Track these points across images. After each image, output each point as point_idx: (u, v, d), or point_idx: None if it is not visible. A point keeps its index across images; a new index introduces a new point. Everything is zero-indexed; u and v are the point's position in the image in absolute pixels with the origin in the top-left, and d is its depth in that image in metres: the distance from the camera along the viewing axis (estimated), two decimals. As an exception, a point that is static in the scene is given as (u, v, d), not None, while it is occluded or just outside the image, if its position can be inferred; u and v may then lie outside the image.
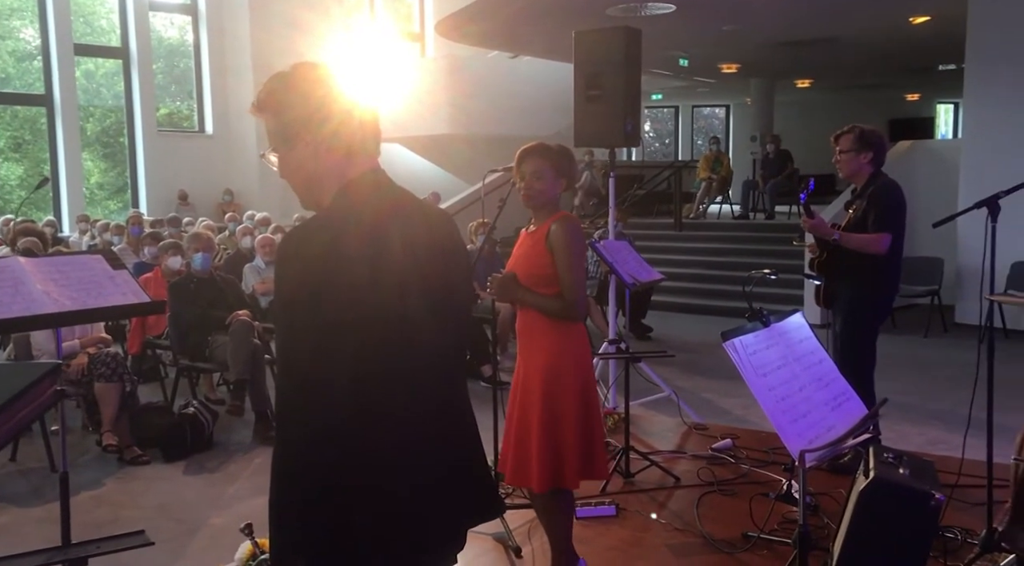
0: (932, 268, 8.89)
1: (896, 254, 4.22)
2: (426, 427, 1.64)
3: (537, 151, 2.97)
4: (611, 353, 5.25)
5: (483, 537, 3.58)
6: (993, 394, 3.33)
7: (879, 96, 19.49)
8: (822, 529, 3.55)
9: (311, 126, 1.63)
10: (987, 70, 8.61)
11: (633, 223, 12.20)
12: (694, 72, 15.69)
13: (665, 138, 24.37)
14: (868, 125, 4.36)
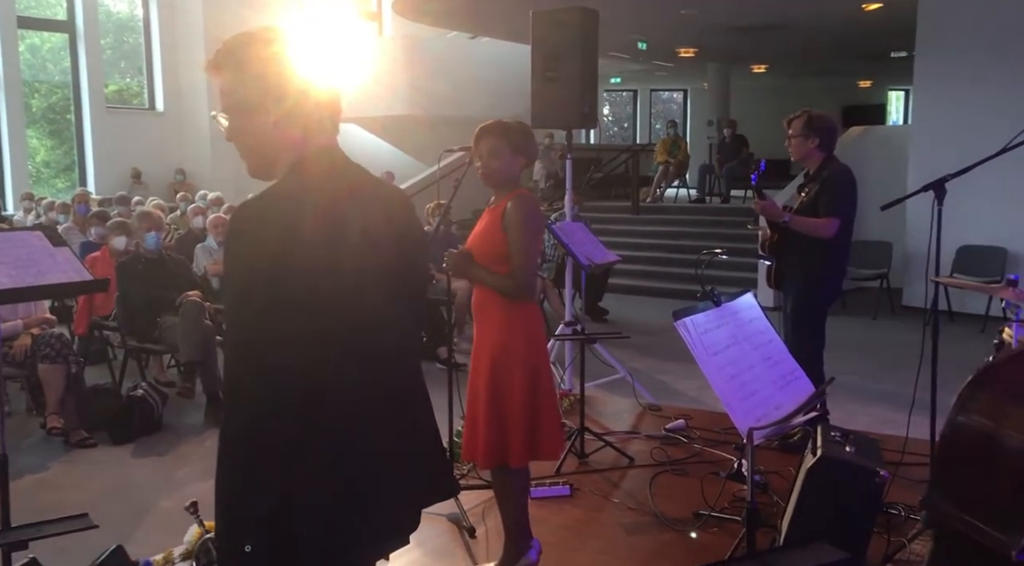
0: (881, 252, 9.07)
1: (845, 238, 4.29)
2: (379, 408, 1.63)
3: (494, 129, 2.95)
4: (567, 335, 5.27)
5: (438, 518, 3.58)
6: (937, 375, 3.41)
7: (833, 82, 19.75)
8: (771, 507, 3.61)
9: (274, 94, 1.58)
10: (936, 58, 8.77)
11: (591, 206, 12.23)
12: (652, 56, 15.73)
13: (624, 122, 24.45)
14: (818, 110, 4.41)
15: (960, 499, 1.59)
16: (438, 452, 1.81)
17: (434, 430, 1.80)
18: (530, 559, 3.04)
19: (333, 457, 1.55)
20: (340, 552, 1.56)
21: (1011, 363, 1.58)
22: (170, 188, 13.20)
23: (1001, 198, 7.96)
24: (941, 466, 1.61)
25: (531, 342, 3.00)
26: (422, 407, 1.76)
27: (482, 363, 2.99)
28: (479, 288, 3.03)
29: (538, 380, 3.01)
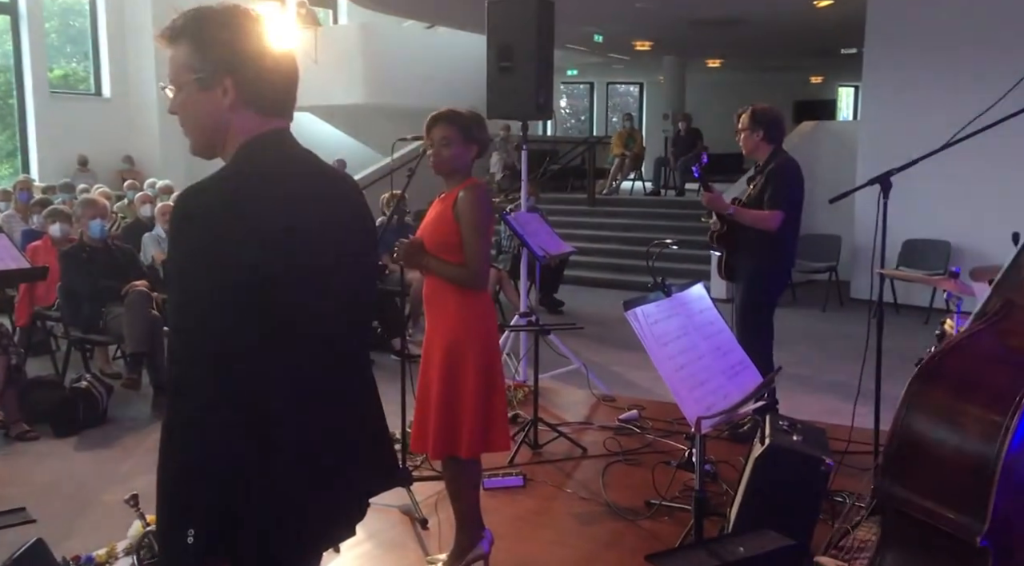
0: (830, 245, 9.24)
1: (791, 231, 4.35)
2: (326, 397, 1.60)
3: (446, 117, 2.92)
4: (521, 326, 5.27)
5: (390, 510, 3.56)
6: (882, 366, 3.48)
7: (785, 78, 20.03)
8: (721, 495, 3.66)
9: (232, 73, 1.54)
10: (884, 55, 8.94)
11: (547, 198, 12.25)
12: (609, 49, 15.79)
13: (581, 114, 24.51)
14: (763, 104, 4.47)
15: (914, 484, 1.62)
16: (385, 442, 1.79)
17: (382, 420, 1.78)
18: (482, 550, 3.03)
19: (281, 447, 1.52)
20: (287, 542, 1.54)
21: (956, 351, 1.61)
22: (118, 176, 12.89)
23: (945, 193, 8.15)
24: (892, 454, 1.63)
25: (484, 333, 2.99)
26: (370, 397, 1.74)
27: (434, 354, 2.97)
28: (431, 278, 3.01)
29: (491, 371, 3.00)
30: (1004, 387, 1.51)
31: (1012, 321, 1.66)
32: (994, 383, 1.55)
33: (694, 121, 14.30)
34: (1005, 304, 1.67)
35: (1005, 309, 1.67)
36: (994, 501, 1.48)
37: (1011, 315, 1.66)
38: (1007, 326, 1.66)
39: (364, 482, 1.71)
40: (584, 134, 19.18)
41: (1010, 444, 1.46)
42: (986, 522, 1.48)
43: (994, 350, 1.65)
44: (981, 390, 1.57)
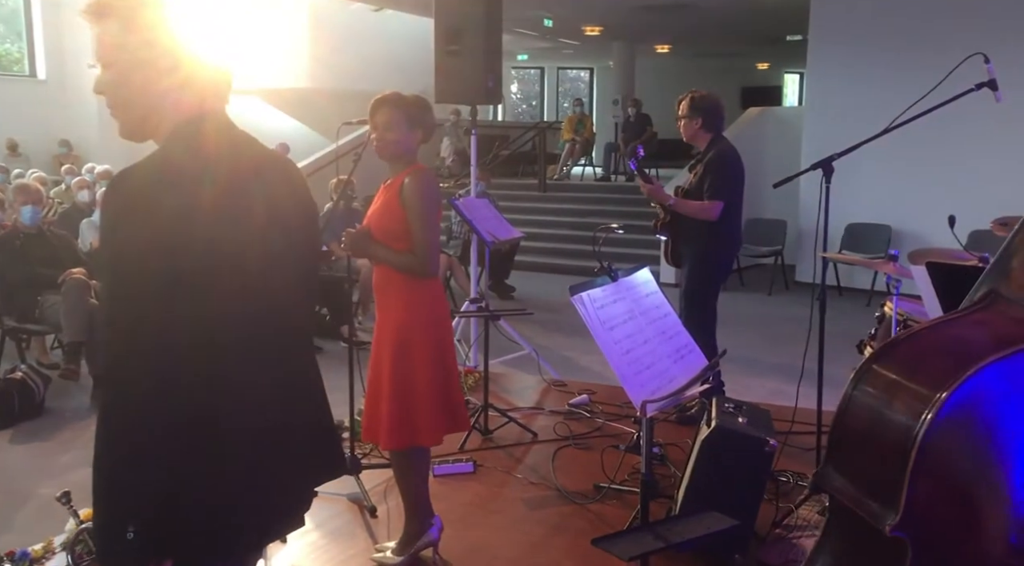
0: (776, 229, 9.39)
1: (732, 218, 4.40)
2: (268, 386, 1.57)
3: (390, 101, 2.88)
4: (471, 311, 5.25)
5: (338, 498, 3.52)
6: (824, 347, 3.55)
7: (733, 64, 20.26)
8: (669, 477, 3.70)
9: (165, 54, 1.49)
10: (828, 42, 9.09)
11: (498, 183, 12.21)
12: (559, 33, 15.76)
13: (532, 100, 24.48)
14: (703, 91, 4.51)
15: (850, 472, 1.61)
16: (329, 432, 1.76)
17: (324, 410, 1.75)
18: (431, 537, 3.02)
19: (220, 439, 1.48)
20: (229, 536, 1.50)
21: (911, 339, 1.62)
22: (54, 160, 12.49)
23: (886, 178, 8.34)
24: (835, 440, 1.64)
25: (435, 322, 2.96)
26: (313, 387, 1.71)
27: (385, 343, 2.94)
28: (379, 267, 2.97)
29: (443, 357, 2.98)
30: (938, 375, 1.47)
31: (990, 311, 1.63)
32: (932, 371, 1.52)
33: (644, 106, 14.37)
34: (988, 293, 1.64)
35: (988, 298, 1.64)
36: (910, 492, 1.44)
37: (993, 305, 1.63)
38: (982, 316, 1.63)
39: (307, 474, 1.68)
40: (535, 119, 19.18)
41: (927, 432, 1.42)
42: (899, 512, 1.45)
43: (953, 338, 1.62)
44: (919, 375, 1.54)
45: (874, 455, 1.56)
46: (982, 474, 1.49)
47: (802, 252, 9.19)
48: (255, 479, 1.53)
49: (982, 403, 1.46)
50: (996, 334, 1.54)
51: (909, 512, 1.45)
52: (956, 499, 1.49)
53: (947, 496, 1.49)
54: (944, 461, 1.46)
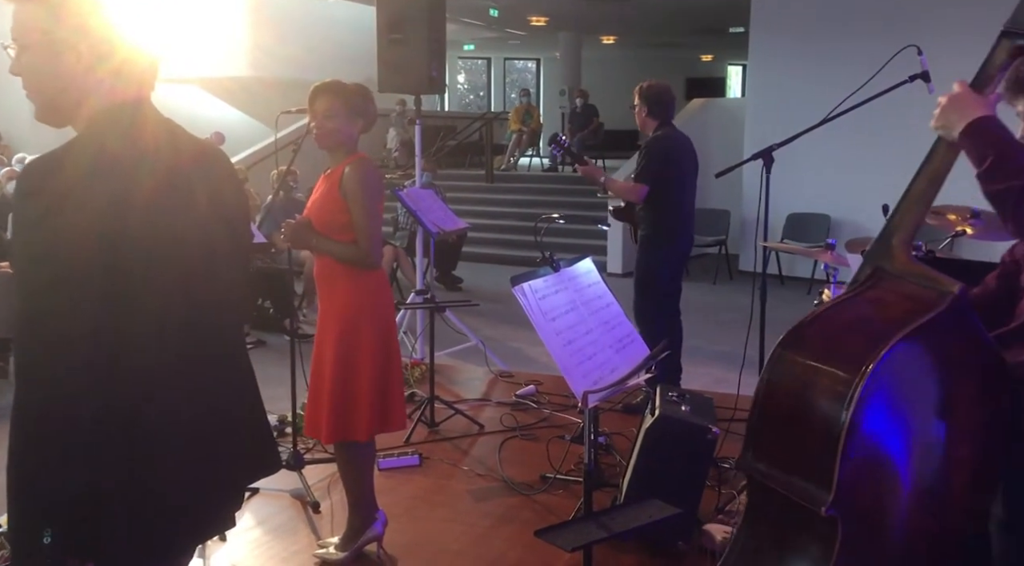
0: (720, 219, 9.52)
1: (669, 204, 4.45)
2: (192, 383, 1.52)
3: (329, 89, 2.82)
4: (417, 303, 5.21)
5: (280, 494, 3.47)
6: (765, 335, 3.60)
7: (678, 56, 20.45)
8: (614, 467, 3.73)
9: (91, 36, 1.43)
10: (768, 34, 9.23)
11: (445, 174, 12.15)
12: (504, 23, 15.71)
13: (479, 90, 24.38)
14: (654, 81, 4.57)
15: (772, 456, 1.64)
16: (262, 429, 1.72)
17: (256, 406, 1.71)
18: (375, 531, 2.99)
19: (144, 438, 1.43)
20: (158, 537, 1.46)
21: (819, 320, 1.65)
22: (-17, 151, 12.03)
23: (826, 168, 8.51)
24: (754, 426, 1.67)
25: (378, 314, 2.92)
26: (244, 383, 1.66)
27: (328, 336, 2.89)
28: (321, 258, 2.92)
29: (387, 351, 2.94)
30: (856, 354, 1.51)
31: (880, 289, 1.68)
32: (848, 350, 1.56)
33: (591, 97, 14.43)
34: (875, 272, 1.70)
35: (875, 277, 1.70)
36: (840, 470, 1.47)
37: (880, 283, 1.68)
38: (874, 294, 1.68)
39: (241, 471, 1.64)
40: (482, 110, 19.11)
41: (855, 411, 1.46)
42: (831, 491, 1.48)
43: (856, 317, 1.67)
44: (835, 357, 1.57)
45: (801, 438, 1.58)
46: (899, 445, 1.56)
47: (745, 241, 9.34)
48: (185, 477, 1.48)
49: (899, 376, 1.52)
50: (895, 310, 1.60)
51: (840, 491, 1.48)
52: (878, 472, 1.55)
53: (871, 471, 1.53)
54: (869, 436, 1.51)
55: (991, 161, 1.50)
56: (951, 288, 1.56)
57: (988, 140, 1.54)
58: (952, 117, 1.59)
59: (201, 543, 1.63)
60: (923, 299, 1.57)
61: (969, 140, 1.56)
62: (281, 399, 3.82)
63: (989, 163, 1.50)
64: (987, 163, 1.51)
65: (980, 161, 1.52)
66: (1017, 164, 1.49)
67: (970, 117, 1.56)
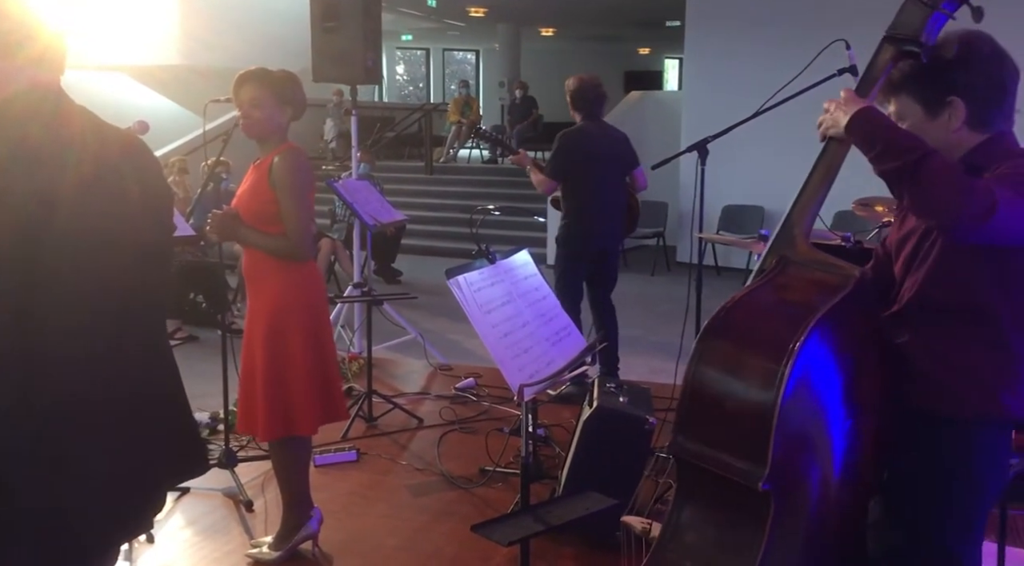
0: (658, 211, 9.61)
1: (583, 198, 4.47)
2: (116, 379, 1.46)
3: (254, 77, 2.74)
4: (354, 296, 5.14)
5: (212, 494, 3.38)
6: (701, 325, 3.63)
7: (616, 48, 20.60)
8: (554, 458, 3.73)
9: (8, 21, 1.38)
10: (704, 28, 9.34)
11: (384, 166, 12.02)
12: (443, 14, 15.61)
13: (418, 82, 24.19)
14: (584, 75, 4.63)
15: (705, 438, 1.70)
16: (185, 425, 1.65)
17: (183, 404, 1.65)
18: (310, 529, 2.93)
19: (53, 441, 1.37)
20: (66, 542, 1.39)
21: (738, 307, 1.70)
22: None
23: (761, 160, 8.65)
24: (685, 410, 1.72)
25: (309, 304, 2.86)
26: (165, 381, 1.60)
27: (257, 330, 2.82)
28: (250, 251, 2.85)
29: (320, 344, 2.88)
30: (780, 337, 1.60)
31: (786, 275, 1.77)
32: (771, 333, 1.65)
33: (530, 89, 14.42)
34: (780, 260, 1.79)
35: (780, 265, 1.79)
36: (775, 446, 1.56)
37: (786, 270, 1.78)
38: (782, 280, 1.77)
39: (161, 472, 1.57)
40: (421, 101, 18.96)
41: (785, 389, 1.55)
42: (767, 466, 1.56)
43: (771, 303, 1.76)
44: (760, 341, 1.66)
45: (733, 419, 1.65)
46: (821, 420, 1.68)
47: (682, 233, 9.45)
48: (92, 482, 1.42)
49: (818, 355, 1.62)
50: (807, 294, 1.71)
51: (774, 466, 1.56)
52: (805, 447, 1.66)
53: (798, 446, 1.63)
54: (798, 411, 1.60)
55: (880, 146, 1.60)
56: (853, 272, 1.69)
57: (873, 126, 1.65)
58: (839, 114, 1.71)
59: (120, 546, 1.55)
60: (829, 283, 1.69)
61: (856, 130, 1.66)
62: (214, 395, 3.72)
63: (879, 148, 1.60)
64: (877, 148, 1.61)
65: (870, 147, 1.63)
66: (903, 144, 1.59)
67: (853, 110, 1.67)
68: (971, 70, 1.67)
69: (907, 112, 1.74)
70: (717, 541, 1.72)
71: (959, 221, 1.53)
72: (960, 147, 1.70)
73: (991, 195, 1.50)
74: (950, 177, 1.53)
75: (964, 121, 1.69)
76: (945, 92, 1.68)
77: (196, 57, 12.59)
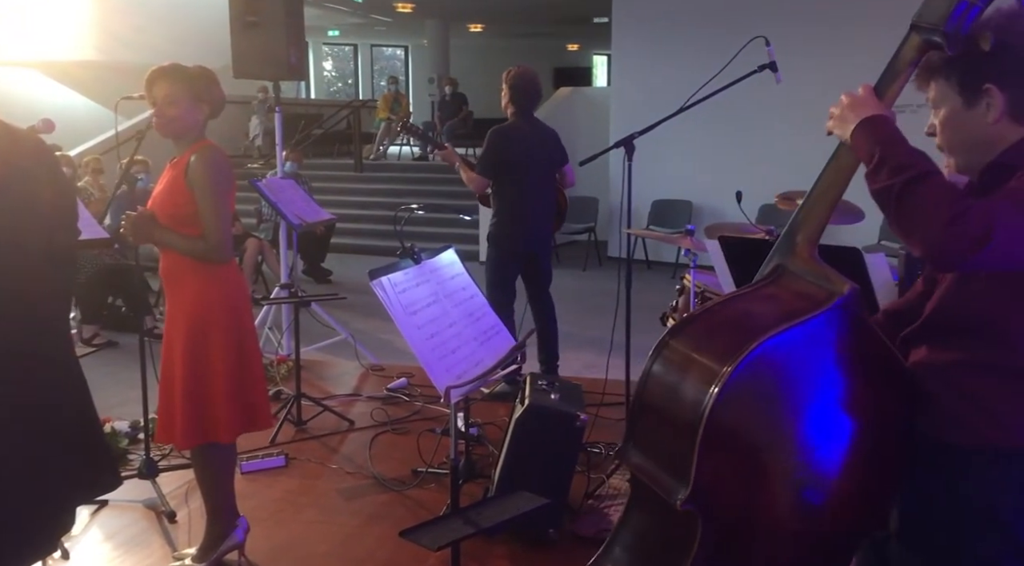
0: (589, 207, 9.68)
1: (512, 195, 4.45)
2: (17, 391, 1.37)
3: (168, 73, 2.64)
4: (281, 298, 5.02)
5: (132, 505, 3.26)
6: (631, 319, 3.66)
7: (545, 45, 20.65)
8: (487, 457, 3.71)
9: None
10: (631, 24, 9.42)
11: (312, 164, 11.80)
12: (370, 9, 15.40)
13: (347, 78, 23.85)
14: (518, 68, 4.59)
15: (647, 448, 1.64)
16: (95, 439, 1.58)
17: (89, 417, 1.56)
18: (235, 539, 2.84)
19: None
20: None
21: (704, 314, 1.65)
22: None
23: (688, 155, 8.78)
24: (634, 417, 1.66)
25: (232, 310, 2.76)
26: (71, 396, 1.52)
27: (177, 335, 2.72)
28: (167, 253, 2.74)
29: (243, 348, 2.79)
30: (726, 349, 1.49)
31: (777, 285, 1.65)
32: (721, 345, 1.54)
33: (460, 85, 14.35)
34: (776, 269, 1.68)
35: (775, 273, 1.67)
36: (698, 464, 1.46)
37: (779, 280, 1.66)
38: (770, 291, 1.65)
39: (68, 489, 1.49)
40: (350, 98, 18.70)
41: (711, 408, 1.45)
42: (689, 485, 1.47)
43: (741, 312, 1.65)
44: (708, 350, 1.56)
45: (668, 430, 1.57)
46: (767, 442, 1.52)
47: (612, 228, 9.54)
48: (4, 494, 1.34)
49: (766, 374, 1.49)
50: (781, 308, 1.59)
51: (698, 485, 1.47)
52: (742, 469, 1.52)
53: (734, 467, 1.51)
54: (731, 433, 1.49)
55: (877, 158, 1.46)
56: (841, 288, 1.53)
57: (877, 137, 1.50)
58: (849, 115, 1.55)
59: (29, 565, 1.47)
60: (813, 298, 1.55)
61: (860, 137, 1.52)
62: (134, 403, 3.59)
63: (875, 161, 1.46)
64: (874, 160, 1.47)
65: (868, 159, 1.49)
66: (899, 161, 1.44)
67: (863, 115, 1.53)
68: (1008, 55, 1.48)
69: (944, 99, 1.57)
70: (653, 557, 1.66)
71: (943, 254, 1.38)
72: (1002, 141, 1.52)
73: (985, 221, 1.34)
74: (939, 203, 1.37)
75: (1004, 111, 1.50)
76: (981, 79, 1.51)
77: (114, 53, 12.16)
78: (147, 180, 6.66)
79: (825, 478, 1.55)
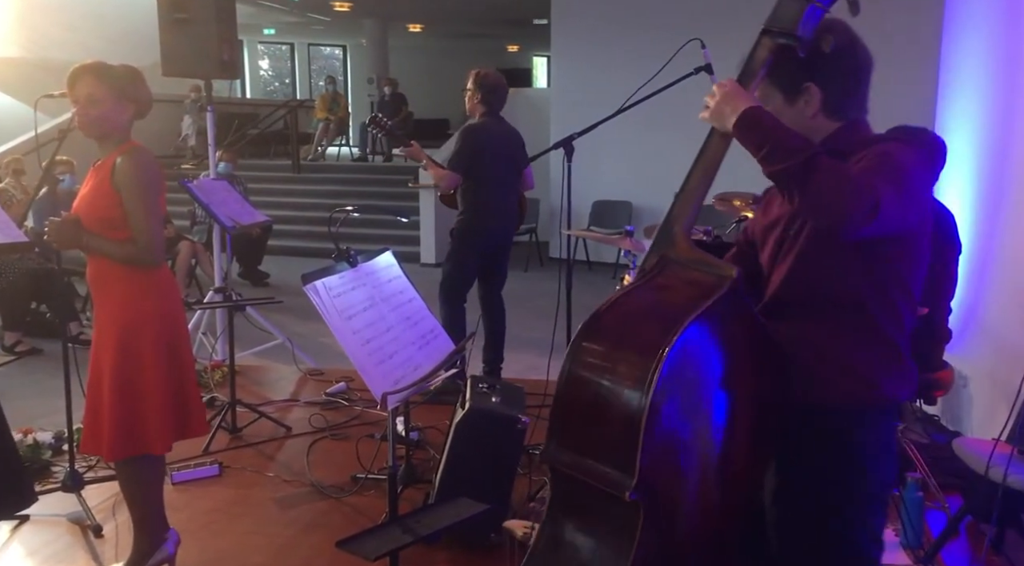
0: (530, 208, 9.67)
1: (482, 193, 4.45)
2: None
3: (91, 71, 2.54)
4: (214, 302, 4.89)
5: (54, 520, 3.13)
6: (572, 320, 3.66)
7: (485, 46, 20.64)
8: (428, 461, 3.66)
9: None
10: (570, 26, 9.47)
11: (248, 164, 11.56)
12: (306, 7, 15.16)
13: (285, 77, 23.47)
14: (488, 70, 4.65)
15: (576, 446, 1.65)
16: (8, 458, 1.49)
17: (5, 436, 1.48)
18: (165, 553, 2.75)
19: None
20: None
21: (613, 308, 1.67)
22: None
23: (627, 157, 8.86)
24: (557, 416, 1.67)
25: (164, 316, 2.67)
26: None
27: (105, 343, 2.61)
28: (93, 260, 2.63)
29: (175, 355, 2.69)
30: (651, 340, 1.55)
31: (666, 276, 1.73)
32: (642, 337, 1.60)
33: (400, 86, 14.24)
34: (660, 260, 1.75)
35: (660, 265, 1.75)
36: (642, 455, 1.51)
37: (665, 270, 1.73)
38: (660, 281, 1.72)
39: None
40: (287, 97, 18.39)
41: (653, 395, 1.51)
42: (635, 476, 1.52)
43: (648, 304, 1.71)
44: (630, 344, 1.61)
45: (603, 426, 1.60)
46: (697, 427, 1.63)
47: (553, 229, 9.54)
48: None
49: (690, 359, 1.58)
50: (682, 295, 1.67)
51: (642, 475, 1.51)
52: (675, 453, 1.60)
53: (669, 452, 1.58)
54: (667, 419, 1.55)
55: (769, 146, 1.56)
56: (729, 272, 1.64)
57: (761, 128, 1.60)
58: (725, 109, 1.65)
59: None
60: (705, 284, 1.64)
61: (744, 130, 1.62)
62: (59, 412, 3.44)
63: (767, 149, 1.56)
64: (765, 149, 1.57)
65: (758, 148, 1.58)
66: (790, 145, 1.55)
67: (741, 108, 1.62)
68: (826, 57, 1.66)
69: (768, 97, 1.74)
70: (589, 551, 1.67)
71: (849, 222, 1.51)
72: (819, 133, 1.71)
73: (874, 192, 1.50)
74: (837, 179, 1.51)
75: (819, 108, 1.70)
76: (801, 78, 1.70)
77: (40, 51, 11.73)
78: (72, 181, 6.41)
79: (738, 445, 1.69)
